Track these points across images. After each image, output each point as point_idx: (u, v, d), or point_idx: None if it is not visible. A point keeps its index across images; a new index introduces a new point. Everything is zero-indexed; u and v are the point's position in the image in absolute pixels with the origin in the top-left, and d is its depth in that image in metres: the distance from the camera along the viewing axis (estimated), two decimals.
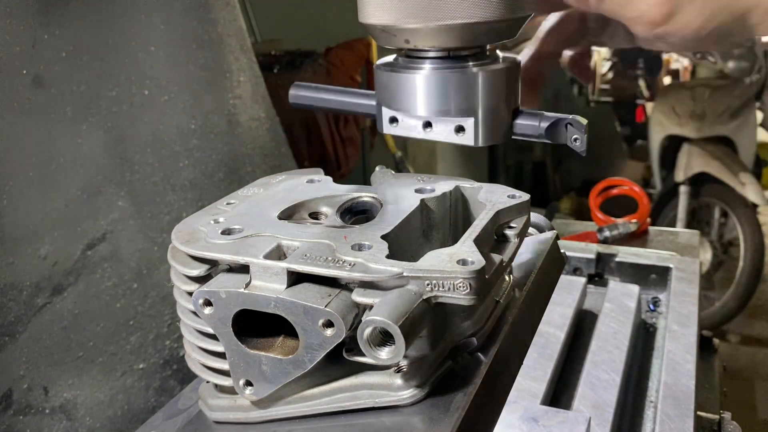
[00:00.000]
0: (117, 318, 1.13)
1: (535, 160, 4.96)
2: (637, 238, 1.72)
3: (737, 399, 2.96)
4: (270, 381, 0.50)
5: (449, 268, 0.46)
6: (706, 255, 3.67)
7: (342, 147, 2.68)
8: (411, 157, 3.42)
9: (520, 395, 0.92)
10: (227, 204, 0.60)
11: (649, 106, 5.08)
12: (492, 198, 0.59)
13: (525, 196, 0.60)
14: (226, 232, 0.53)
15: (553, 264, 0.68)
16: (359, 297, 0.46)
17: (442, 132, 0.61)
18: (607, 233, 1.71)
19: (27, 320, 0.98)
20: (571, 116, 0.57)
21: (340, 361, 0.49)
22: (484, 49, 0.60)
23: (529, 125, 0.60)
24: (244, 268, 0.50)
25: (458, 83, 0.59)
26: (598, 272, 1.39)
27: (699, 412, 0.94)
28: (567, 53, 0.73)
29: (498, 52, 0.61)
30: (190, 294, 0.51)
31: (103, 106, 1.13)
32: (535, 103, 0.71)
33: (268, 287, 0.48)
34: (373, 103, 0.65)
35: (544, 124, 0.58)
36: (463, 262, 0.46)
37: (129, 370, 1.14)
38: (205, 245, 0.52)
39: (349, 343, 0.48)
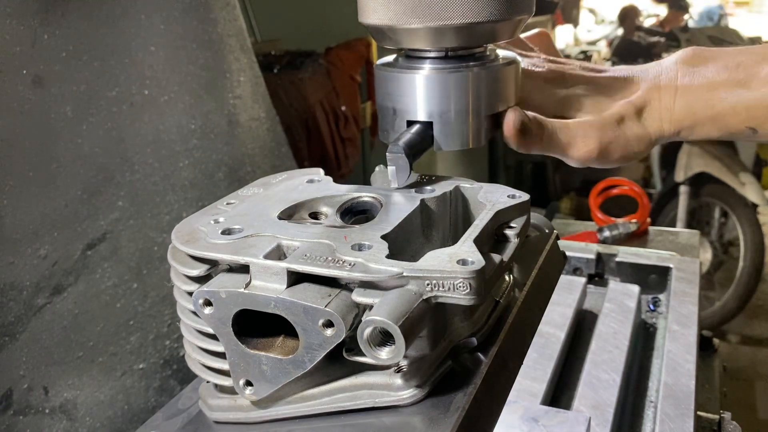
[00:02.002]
0: (117, 318, 1.13)
1: (534, 160, 4.96)
2: (637, 238, 1.72)
3: (737, 399, 2.96)
4: (270, 381, 0.50)
5: (449, 268, 0.46)
6: (706, 255, 3.67)
7: (342, 147, 2.68)
8: None
9: (520, 395, 0.92)
10: (227, 204, 0.60)
11: None
12: (492, 198, 0.59)
13: (525, 196, 0.60)
14: (226, 232, 0.53)
15: (553, 264, 0.68)
16: (359, 297, 0.46)
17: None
18: (607, 233, 1.72)
19: (27, 320, 0.98)
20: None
21: (340, 361, 0.49)
22: (450, 51, 0.59)
23: None
24: (244, 268, 0.50)
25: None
26: (598, 272, 1.39)
27: (699, 412, 0.94)
28: None
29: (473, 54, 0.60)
30: (190, 294, 0.51)
31: (103, 106, 1.13)
32: None
33: (268, 287, 0.48)
34: None
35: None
36: (463, 262, 0.46)
37: (129, 370, 1.14)
38: (205, 245, 0.52)
39: (349, 343, 0.48)
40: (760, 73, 0.65)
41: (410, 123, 0.61)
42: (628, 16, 6.12)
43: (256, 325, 0.50)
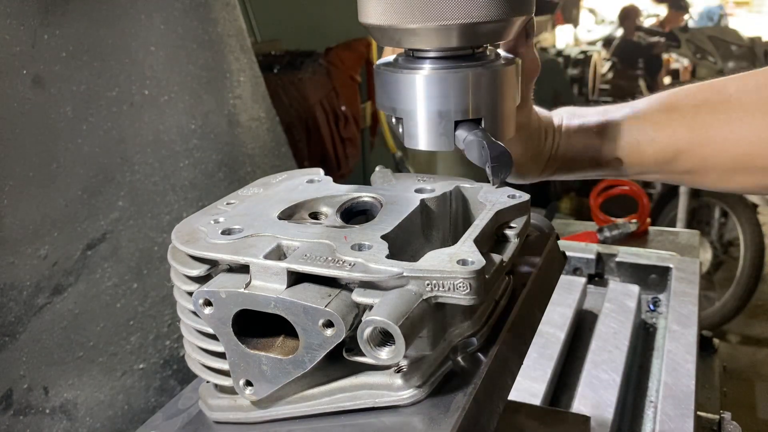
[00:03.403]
0: (117, 318, 1.13)
1: None
2: (637, 238, 1.72)
3: (737, 399, 2.96)
4: (270, 381, 0.50)
5: (449, 268, 0.46)
6: (706, 255, 3.67)
7: (342, 147, 2.68)
8: (411, 157, 3.42)
9: (520, 395, 0.92)
10: (227, 204, 0.60)
11: None
12: (492, 198, 0.59)
13: (525, 196, 0.60)
14: (226, 232, 0.53)
15: (553, 264, 0.68)
16: (359, 297, 0.46)
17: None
18: (607, 233, 1.72)
19: (27, 320, 0.98)
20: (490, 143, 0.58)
21: (340, 361, 0.49)
22: (429, 51, 0.60)
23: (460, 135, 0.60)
24: (244, 268, 0.50)
25: (387, 83, 0.61)
26: (598, 272, 1.39)
27: (699, 412, 0.94)
28: None
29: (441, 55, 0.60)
30: (190, 294, 0.51)
31: (103, 106, 1.13)
32: None
33: (268, 287, 0.48)
34: None
35: (469, 138, 0.59)
36: (463, 262, 0.46)
37: (129, 370, 1.14)
38: (205, 245, 0.52)
39: (349, 343, 0.48)
40: (622, 110, 0.76)
41: (457, 123, 0.60)
42: (628, 16, 6.13)
43: (256, 325, 0.50)
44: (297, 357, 0.48)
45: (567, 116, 0.78)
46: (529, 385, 0.95)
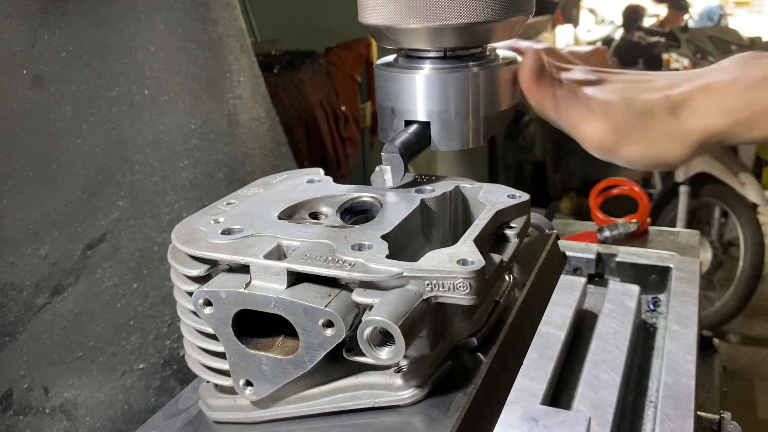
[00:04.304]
0: (117, 318, 1.13)
1: (534, 160, 4.95)
2: (637, 238, 1.72)
3: (737, 399, 2.96)
4: (270, 381, 0.50)
5: (449, 268, 0.46)
6: (706, 255, 3.67)
7: (342, 147, 2.68)
8: None
9: (520, 395, 0.92)
10: (227, 204, 0.60)
11: None
12: (492, 198, 0.59)
13: (525, 196, 0.60)
14: (226, 232, 0.53)
15: (553, 264, 0.68)
16: (359, 297, 0.46)
17: None
18: (607, 233, 1.71)
19: (27, 320, 0.98)
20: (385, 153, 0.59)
21: (340, 361, 0.49)
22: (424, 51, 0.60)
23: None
24: (244, 268, 0.50)
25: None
26: (598, 272, 1.39)
27: (699, 412, 0.93)
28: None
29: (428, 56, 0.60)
30: (190, 294, 0.51)
31: (103, 106, 1.13)
32: None
33: (268, 287, 0.48)
34: None
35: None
36: (463, 262, 0.46)
37: (129, 370, 1.14)
38: (205, 245, 0.52)
39: (349, 343, 0.48)
40: None
41: (408, 123, 0.62)
42: (633, 15, 6.12)
43: (256, 325, 0.51)
44: (297, 357, 0.48)
45: (741, 65, 0.61)
46: (529, 385, 0.95)
